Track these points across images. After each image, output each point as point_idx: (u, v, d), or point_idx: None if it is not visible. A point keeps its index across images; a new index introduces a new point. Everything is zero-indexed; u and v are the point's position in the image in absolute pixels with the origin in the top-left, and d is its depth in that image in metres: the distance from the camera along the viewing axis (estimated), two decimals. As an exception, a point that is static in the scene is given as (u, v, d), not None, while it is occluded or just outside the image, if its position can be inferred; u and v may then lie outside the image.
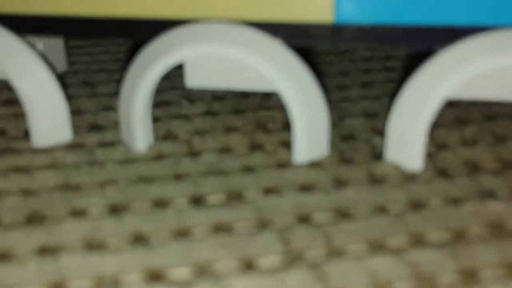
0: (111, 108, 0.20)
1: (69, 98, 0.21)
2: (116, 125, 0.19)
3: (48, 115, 0.18)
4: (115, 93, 0.22)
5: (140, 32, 0.17)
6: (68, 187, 0.16)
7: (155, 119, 0.19)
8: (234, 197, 0.15)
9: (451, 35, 0.16)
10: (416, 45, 0.16)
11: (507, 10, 0.15)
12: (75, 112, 0.20)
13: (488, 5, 0.15)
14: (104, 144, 0.18)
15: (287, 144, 0.18)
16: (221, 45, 0.16)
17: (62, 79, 0.23)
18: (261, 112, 0.20)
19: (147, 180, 0.16)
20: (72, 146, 0.18)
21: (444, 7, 0.15)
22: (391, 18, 0.16)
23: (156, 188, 0.15)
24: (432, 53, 0.16)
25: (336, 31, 0.16)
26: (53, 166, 0.17)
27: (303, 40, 0.17)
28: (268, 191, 0.15)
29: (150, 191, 0.15)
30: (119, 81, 0.23)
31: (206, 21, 0.17)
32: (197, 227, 0.14)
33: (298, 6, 0.16)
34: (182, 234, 0.14)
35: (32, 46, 0.18)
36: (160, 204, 0.15)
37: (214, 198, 0.15)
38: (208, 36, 0.16)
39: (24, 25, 0.18)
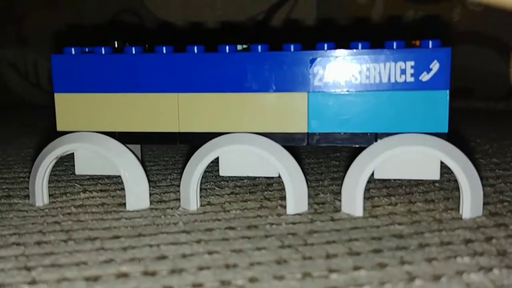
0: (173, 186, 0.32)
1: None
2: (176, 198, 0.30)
3: (137, 190, 0.29)
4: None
5: (196, 140, 0.29)
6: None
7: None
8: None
9: (373, 137, 0.28)
10: (356, 143, 0.28)
11: (405, 123, 0.27)
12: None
13: (394, 120, 0.27)
14: (173, 208, 0.29)
15: (283, 206, 0.29)
16: (243, 146, 0.28)
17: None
18: (266, 192, 0.32)
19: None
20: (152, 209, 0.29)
21: (368, 122, 0.27)
22: (339, 128, 0.28)
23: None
24: (365, 147, 0.28)
25: (309, 136, 0.28)
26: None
27: (291, 142, 0.28)
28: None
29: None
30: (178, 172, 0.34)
31: (234, 133, 0.29)
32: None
33: (288, 123, 0.28)
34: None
35: (131, 150, 0.30)
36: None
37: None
38: (236, 141, 0.28)
39: (125, 138, 0.30)
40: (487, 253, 0.22)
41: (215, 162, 0.32)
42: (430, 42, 0.27)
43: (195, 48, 0.28)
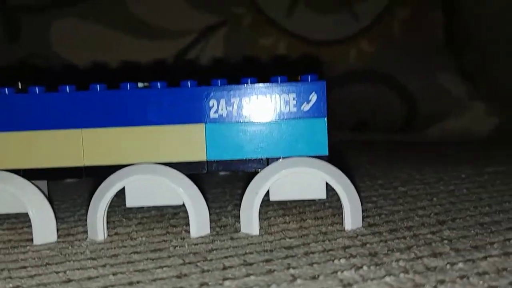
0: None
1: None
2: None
3: (44, 224, 0.30)
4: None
5: (101, 173, 0.31)
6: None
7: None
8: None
9: (266, 161, 0.31)
10: (250, 168, 0.31)
11: (292, 148, 0.31)
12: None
13: (282, 146, 0.31)
14: (80, 239, 0.30)
15: (188, 231, 0.31)
16: (147, 175, 0.30)
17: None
18: (172, 219, 0.34)
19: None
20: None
21: (260, 148, 0.31)
22: (235, 155, 0.31)
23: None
24: (257, 171, 0.31)
25: (208, 164, 0.31)
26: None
27: (192, 170, 0.31)
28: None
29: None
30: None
31: (138, 164, 0.31)
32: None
33: (188, 153, 0.31)
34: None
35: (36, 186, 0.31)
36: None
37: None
38: (140, 171, 0.30)
39: (30, 175, 0.31)
40: (360, 255, 0.25)
41: (122, 197, 0.34)
42: (309, 77, 0.31)
43: (98, 86, 0.31)
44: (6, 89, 0.30)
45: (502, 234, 0.28)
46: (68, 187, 0.44)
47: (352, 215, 0.30)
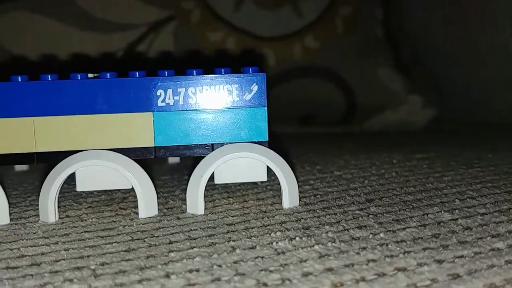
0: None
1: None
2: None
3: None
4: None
5: (52, 158, 0.32)
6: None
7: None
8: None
9: (210, 147, 0.33)
10: (196, 153, 0.33)
11: (235, 135, 0.33)
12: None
13: (226, 132, 0.33)
14: (33, 222, 0.32)
15: (136, 213, 0.33)
16: (97, 161, 0.32)
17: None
18: (122, 203, 0.35)
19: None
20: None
21: (205, 135, 0.33)
22: (181, 141, 0.33)
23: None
24: (203, 156, 0.33)
25: (156, 149, 0.33)
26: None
27: (140, 156, 0.33)
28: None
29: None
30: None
31: (88, 150, 0.32)
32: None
33: (137, 139, 0.33)
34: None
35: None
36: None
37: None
38: (90, 156, 0.32)
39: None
40: (294, 229, 0.28)
41: (72, 183, 0.35)
42: (250, 69, 0.33)
43: (49, 76, 0.32)
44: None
45: (421, 210, 0.31)
46: (18, 176, 0.45)
47: (289, 195, 0.32)
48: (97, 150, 0.32)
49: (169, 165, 0.48)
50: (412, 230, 0.28)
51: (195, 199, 0.32)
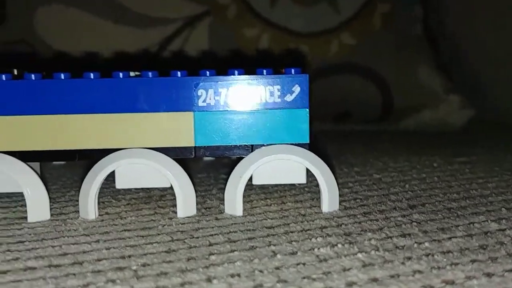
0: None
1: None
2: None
3: (38, 203, 0.32)
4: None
5: (93, 156, 0.33)
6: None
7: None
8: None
9: (250, 148, 0.33)
10: (235, 154, 0.33)
11: (276, 136, 0.33)
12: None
13: (266, 133, 0.33)
14: (72, 218, 0.32)
15: (175, 212, 0.33)
16: (138, 159, 0.32)
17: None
18: (160, 201, 0.35)
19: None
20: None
21: (245, 136, 0.33)
22: (221, 142, 0.33)
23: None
24: (242, 157, 0.33)
25: (195, 149, 0.33)
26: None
27: (180, 155, 0.33)
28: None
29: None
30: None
31: (129, 149, 0.32)
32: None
33: (177, 139, 0.33)
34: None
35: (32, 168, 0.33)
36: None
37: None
38: (130, 155, 0.32)
39: (26, 156, 0.32)
40: (335, 234, 0.27)
41: (112, 180, 0.35)
42: (293, 70, 0.33)
43: (91, 74, 0.32)
44: (3, 75, 0.32)
45: (467, 218, 0.30)
46: (56, 170, 0.46)
47: (329, 199, 0.32)
48: (138, 148, 0.32)
49: (204, 162, 0.48)
50: (458, 240, 0.27)
51: (233, 200, 0.32)
